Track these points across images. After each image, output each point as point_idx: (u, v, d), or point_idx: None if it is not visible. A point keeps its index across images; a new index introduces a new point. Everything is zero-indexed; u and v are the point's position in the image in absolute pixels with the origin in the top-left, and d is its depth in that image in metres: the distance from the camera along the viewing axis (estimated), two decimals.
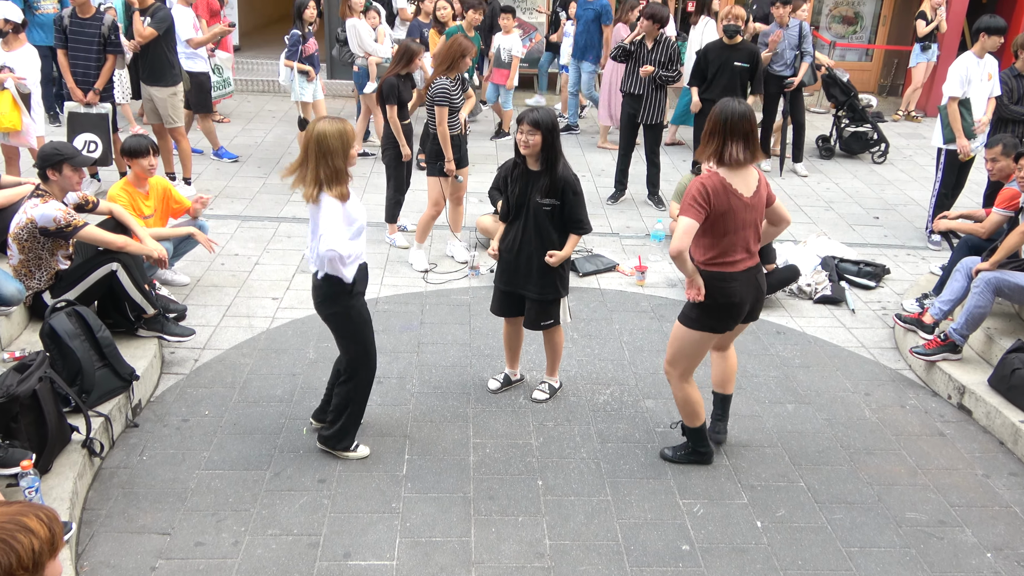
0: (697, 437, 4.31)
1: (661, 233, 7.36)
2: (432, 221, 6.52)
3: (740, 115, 3.74)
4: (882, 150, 10.04)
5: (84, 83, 7.29)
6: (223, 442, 4.38)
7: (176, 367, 5.06)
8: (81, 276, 4.79)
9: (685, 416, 4.26)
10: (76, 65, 7.24)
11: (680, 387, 4.16)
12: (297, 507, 3.93)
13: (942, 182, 7.38)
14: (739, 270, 3.89)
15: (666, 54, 7.61)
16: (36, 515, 1.96)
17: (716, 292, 3.88)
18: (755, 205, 3.84)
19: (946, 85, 7.11)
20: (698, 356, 4.10)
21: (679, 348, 4.08)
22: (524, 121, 4.29)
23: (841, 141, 10.14)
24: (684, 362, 4.10)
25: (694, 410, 4.21)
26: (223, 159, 8.97)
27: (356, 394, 4.17)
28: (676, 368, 4.14)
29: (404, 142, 6.55)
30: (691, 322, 3.99)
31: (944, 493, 4.26)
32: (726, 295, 3.89)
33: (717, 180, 3.73)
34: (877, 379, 5.33)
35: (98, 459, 4.13)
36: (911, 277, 6.83)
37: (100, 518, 3.81)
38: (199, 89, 8.53)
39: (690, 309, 3.99)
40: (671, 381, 4.20)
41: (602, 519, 3.95)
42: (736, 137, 3.75)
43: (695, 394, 4.18)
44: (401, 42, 6.66)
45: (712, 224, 3.79)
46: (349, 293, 3.96)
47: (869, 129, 10.00)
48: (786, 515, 4.04)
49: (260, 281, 6.22)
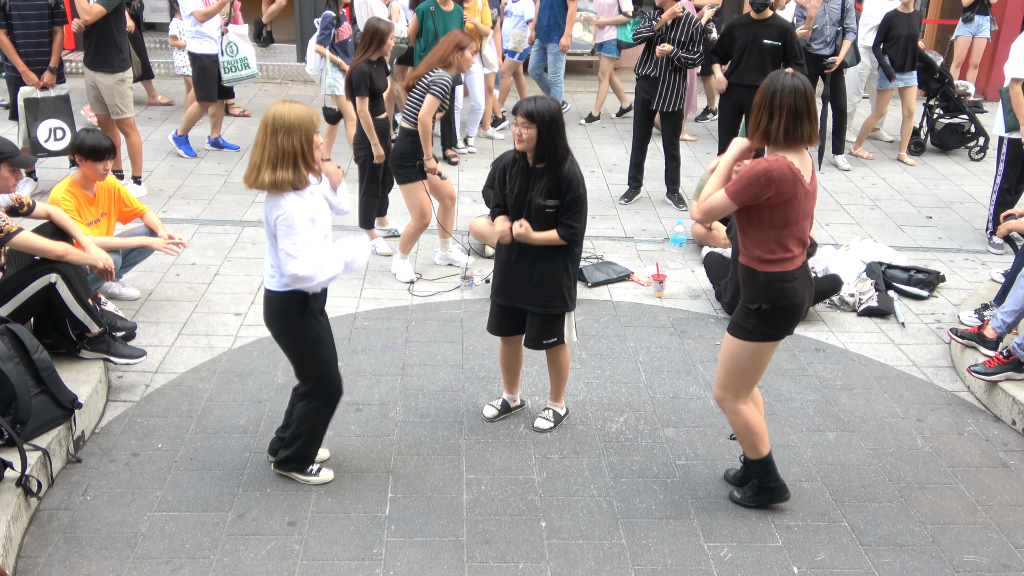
0: (764, 470, 4.28)
1: (682, 237, 7.40)
2: (419, 234, 6.55)
3: (801, 89, 3.78)
4: (980, 145, 10.00)
5: (37, 64, 7.36)
6: (178, 479, 4.39)
7: (124, 393, 5.08)
8: (15, 289, 4.81)
9: (747, 447, 4.24)
10: (26, 45, 7.31)
11: (739, 412, 4.14)
12: (264, 554, 3.95)
13: (1004, 176, 7.42)
14: (797, 267, 3.94)
15: (687, 33, 7.67)
16: None
17: (778, 295, 3.90)
18: (814, 192, 3.93)
19: (1008, 65, 7.16)
20: (758, 372, 4.11)
21: (734, 366, 4.06)
22: (518, 112, 4.32)
23: (933, 134, 10.15)
24: (740, 381, 4.10)
25: (758, 438, 4.20)
26: (223, 148, 9.09)
27: (317, 415, 4.24)
28: (730, 391, 4.12)
29: (376, 140, 6.57)
30: (749, 333, 3.98)
31: (1008, 533, 4.28)
32: (789, 297, 3.92)
33: (785, 164, 3.76)
34: (931, 402, 5.35)
35: (35, 499, 4.14)
36: (969, 285, 6.87)
37: (38, 567, 3.82)
38: (202, 74, 8.61)
39: (745, 319, 3.98)
40: (726, 407, 4.18)
41: (615, 565, 3.97)
42: (802, 113, 3.79)
43: (756, 418, 4.18)
44: (368, 22, 6.69)
45: (772, 214, 3.82)
46: (302, 311, 3.99)
47: (966, 121, 9.96)
48: (827, 559, 4.06)
49: (220, 294, 6.26)
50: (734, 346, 4.04)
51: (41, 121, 7.46)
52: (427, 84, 6.04)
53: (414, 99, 6.14)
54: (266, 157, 3.77)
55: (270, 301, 4.02)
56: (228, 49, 8.81)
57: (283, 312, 4.01)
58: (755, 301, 3.93)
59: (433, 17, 8.69)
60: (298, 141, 3.76)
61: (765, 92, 3.80)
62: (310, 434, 4.26)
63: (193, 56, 8.66)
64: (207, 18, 8.46)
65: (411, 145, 6.20)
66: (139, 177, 8.01)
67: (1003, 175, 7.44)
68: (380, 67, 6.61)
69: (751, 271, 3.93)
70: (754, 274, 3.92)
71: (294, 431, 4.26)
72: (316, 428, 4.28)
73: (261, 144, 3.79)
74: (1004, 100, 7.24)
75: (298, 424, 4.25)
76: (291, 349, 4.13)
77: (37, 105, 7.51)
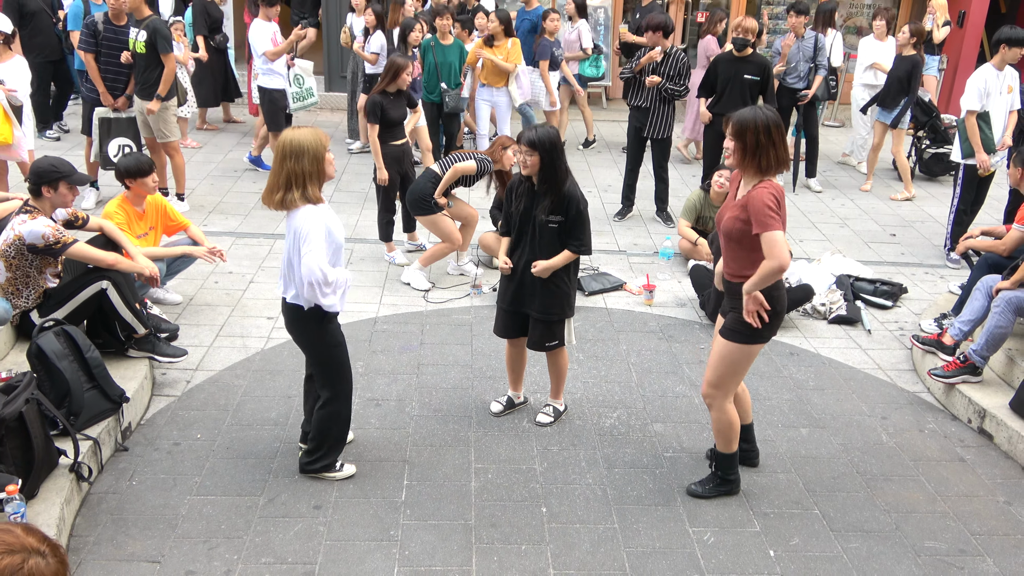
0: (729, 465, 4.29)
1: (670, 251, 7.39)
2: (444, 254, 6.57)
3: (776, 120, 3.78)
4: None
5: (114, 89, 7.60)
6: (215, 467, 4.38)
7: (167, 389, 5.08)
8: (70, 295, 4.82)
9: (724, 442, 4.23)
10: (107, 71, 7.57)
11: (725, 410, 4.14)
12: (292, 534, 3.93)
13: (961, 198, 7.40)
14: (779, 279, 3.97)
15: (675, 68, 7.66)
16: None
17: (773, 302, 3.91)
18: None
19: (964, 98, 7.15)
20: (744, 373, 4.12)
21: (729, 367, 4.05)
22: (522, 141, 4.32)
23: (921, 163, 10.11)
24: (732, 380, 4.10)
25: (735, 435, 4.21)
26: (260, 169, 9.13)
27: (335, 420, 4.18)
28: (722, 389, 4.11)
29: (381, 164, 6.57)
30: (745, 337, 3.96)
31: (964, 521, 4.25)
32: (781, 303, 3.96)
33: (778, 188, 3.78)
34: (894, 402, 5.33)
35: (86, 484, 4.13)
36: (929, 296, 6.84)
37: (88, 545, 3.81)
38: (272, 106, 8.64)
39: (743, 324, 3.95)
40: (714, 404, 4.15)
41: (608, 548, 3.95)
42: (781, 142, 3.79)
43: (736, 418, 4.19)
44: (389, 58, 6.71)
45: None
46: (321, 319, 3.95)
47: (951, 150, 9.94)
48: (800, 544, 4.03)
49: (254, 300, 6.25)
50: (729, 349, 4.02)
51: (113, 139, 7.63)
52: (479, 157, 6.21)
53: (459, 156, 6.26)
54: (280, 180, 3.76)
55: (291, 311, 3.97)
56: (295, 81, 8.84)
57: (304, 321, 3.96)
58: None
59: (433, 51, 8.67)
60: (308, 163, 3.73)
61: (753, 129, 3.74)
62: (333, 440, 4.23)
63: (263, 90, 8.67)
64: (277, 57, 8.49)
65: (431, 186, 6.26)
66: (182, 194, 8.01)
67: (960, 197, 7.42)
68: (398, 99, 6.61)
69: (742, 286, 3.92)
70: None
71: (318, 440, 4.20)
72: (338, 434, 4.22)
73: (276, 169, 3.78)
74: (960, 130, 7.23)
75: (321, 433, 4.18)
76: (313, 355, 4.11)
77: (110, 124, 7.66)
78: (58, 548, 1.86)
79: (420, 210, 6.37)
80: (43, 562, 1.81)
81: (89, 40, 7.50)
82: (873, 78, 9.65)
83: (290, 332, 4.08)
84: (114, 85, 7.60)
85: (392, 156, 6.61)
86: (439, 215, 6.34)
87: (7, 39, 6.97)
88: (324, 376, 4.13)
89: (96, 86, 7.59)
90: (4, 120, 6.68)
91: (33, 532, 1.86)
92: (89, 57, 7.52)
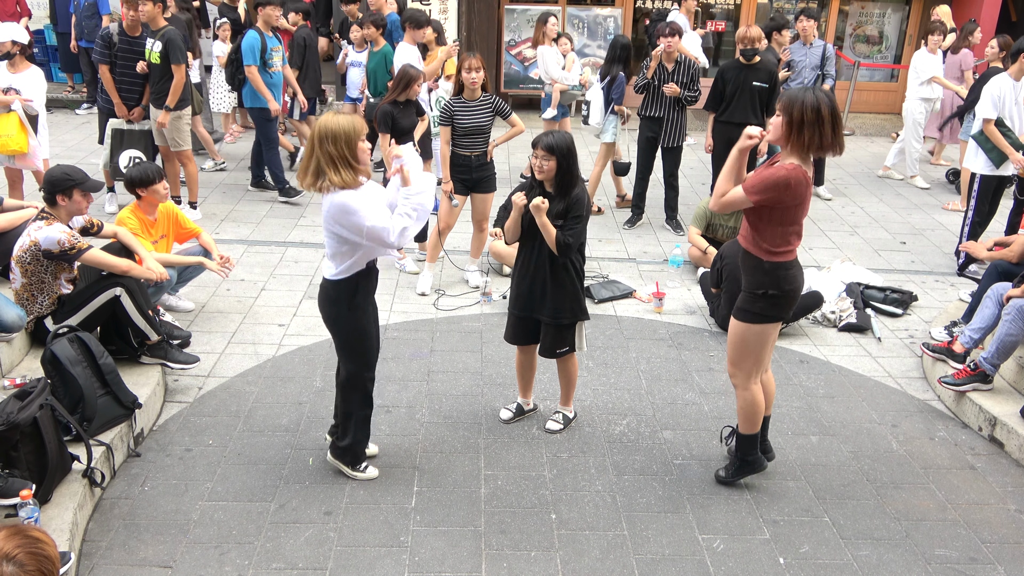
0: (750, 445, 4.33)
1: (679, 258, 7.38)
2: (436, 242, 6.64)
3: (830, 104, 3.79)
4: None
5: (129, 100, 7.68)
6: (227, 473, 4.40)
7: (180, 395, 5.10)
8: (84, 301, 4.86)
9: (746, 422, 4.27)
10: (122, 83, 7.63)
11: (749, 389, 4.18)
12: (302, 540, 3.94)
13: (976, 209, 7.37)
14: (795, 257, 4.01)
15: (688, 75, 7.69)
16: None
17: (782, 281, 3.95)
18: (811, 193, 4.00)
19: (978, 107, 7.13)
20: (766, 350, 4.14)
21: (743, 346, 4.10)
22: (539, 146, 4.34)
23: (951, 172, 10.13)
24: (751, 359, 4.12)
25: (758, 416, 4.24)
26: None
27: (357, 404, 4.24)
28: (742, 368, 4.15)
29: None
30: (754, 316, 4.02)
31: (975, 529, 4.23)
32: (791, 282, 3.98)
33: (802, 174, 3.80)
34: (905, 410, 5.30)
35: (99, 489, 4.16)
36: (939, 304, 6.81)
37: (100, 550, 3.83)
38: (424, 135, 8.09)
39: (751, 303, 4.01)
40: (737, 384, 4.22)
41: (618, 554, 3.94)
42: (832, 124, 3.79)
43: (761, 399, 4.21)
44: (401, 68, 6.73)
45: (783, 214, 3.85)
46: (350, 301, 4.00)
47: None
48: (810, 551, 4.02)
49: (266, 307, 6.28)
50: (741, 329, 4.07)
51: (124, 150, 7.68)
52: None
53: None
54: (313, 163, 3.80)
55: (324, 290, 4.05)
56: (437, 104, 8.76)
57: (334, 300, 4.02)
58: (761, 287, 3.97)
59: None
60: (341, 147, 3.75)
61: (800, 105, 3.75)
62: (358, 426, 4.27)
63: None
64: (433, 75, 8.31)
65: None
66: (195, 202, 8.06)
67: (975, 209, 7.38)
68: (408, 107, 6.64)
69: (758, 260, 3.96)
70: (760, 263, 3.96)
71: (343, 418, 4.28)
72: (361, 422, 4.28)
73: (310, 152, 3.81)
74: (980, 141, 7.17)
75: (344, 418, 4.27)
76: (338, 334, 4.14)
77: (123, 135, 7.73)
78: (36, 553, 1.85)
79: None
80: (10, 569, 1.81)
81: (104, 52, 7.57)
82: (930, 92, 9.66)
83: (320, 309, 4.12)
84: (128, 96, 7.67)
85: None
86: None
87: (23, 50, 7.04)
88: (345, 353, 4.17)
89: (111, 97, 7.66)
90: (20, 129, 6.75)
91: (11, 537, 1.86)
92: (104, 68, 7.59)
